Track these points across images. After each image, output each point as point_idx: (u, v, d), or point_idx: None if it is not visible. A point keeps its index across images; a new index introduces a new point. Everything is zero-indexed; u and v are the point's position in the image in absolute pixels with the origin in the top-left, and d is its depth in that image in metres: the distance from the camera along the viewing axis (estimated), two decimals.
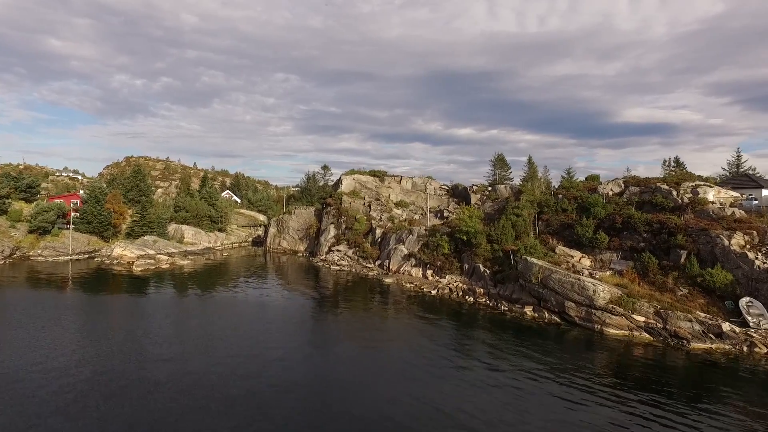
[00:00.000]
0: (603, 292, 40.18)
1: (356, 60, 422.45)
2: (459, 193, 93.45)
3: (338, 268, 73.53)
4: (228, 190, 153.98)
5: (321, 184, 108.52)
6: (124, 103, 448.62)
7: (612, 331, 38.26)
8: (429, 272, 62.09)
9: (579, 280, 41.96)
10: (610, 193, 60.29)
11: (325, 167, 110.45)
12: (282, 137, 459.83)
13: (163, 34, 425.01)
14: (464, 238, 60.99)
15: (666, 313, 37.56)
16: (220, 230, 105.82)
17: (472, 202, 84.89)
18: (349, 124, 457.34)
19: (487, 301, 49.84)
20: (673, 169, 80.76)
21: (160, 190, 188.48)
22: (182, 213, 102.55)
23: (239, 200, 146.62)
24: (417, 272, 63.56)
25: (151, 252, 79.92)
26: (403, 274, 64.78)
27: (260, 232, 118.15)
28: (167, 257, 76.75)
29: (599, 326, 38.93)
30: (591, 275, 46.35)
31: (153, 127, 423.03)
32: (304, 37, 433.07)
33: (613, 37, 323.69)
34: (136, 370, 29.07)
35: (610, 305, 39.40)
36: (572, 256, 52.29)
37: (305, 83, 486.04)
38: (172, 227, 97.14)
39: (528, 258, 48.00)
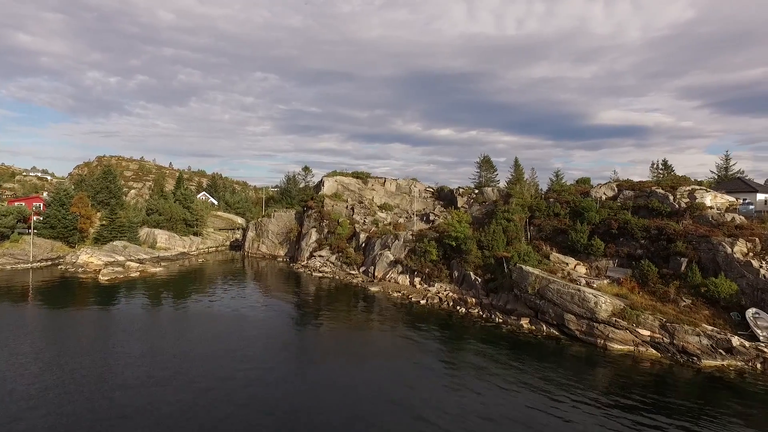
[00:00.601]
0: (605, 304, 37.79)
1: (336, 60, 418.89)
2: (445, 196, 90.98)
3: (320, 274, 70.07)
4: (204, 192, 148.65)
5: (302, 185, 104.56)
6: (98, 101, 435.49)
7: (616, 346, 35.86)
8: (417, 280, 59.16)
9: (579, 291, 39.52)
10: (603, 197, 58.35)
11: (305, 168, 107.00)
12: (261, 137, 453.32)
13: (138, 30, 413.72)
14: (453, 244, 58.29)
15: (672, 326, 35.35)
16: (195, 234, 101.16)
17: (459, 205, 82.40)
18: (329, 124, 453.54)
19: (480, 312, 47.13)
20: (661, 171, 79.75)
21: (133, 191, 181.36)
22: (155, 216, 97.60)
23: (216, 202, 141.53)
24: (404, 280, 60.56)
25: (121, 258, 75.12)
26: (390, 281, 61.72)
27: (238, 235, 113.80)
28: (137, 264, 72.08)
29: (602, 341, 36.52)
30: (588, 284, 44.10)
31: (128, 126, 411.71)
32: (284, 36, 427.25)
33: (589, 40, 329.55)
34: (93, 402, 25.28)
35: (613, 318, 37.03)
36: (567, 264, 50.00)
37: (285, 83, 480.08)
38: (144, 231, 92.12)
39: (523, 266, 45.45)
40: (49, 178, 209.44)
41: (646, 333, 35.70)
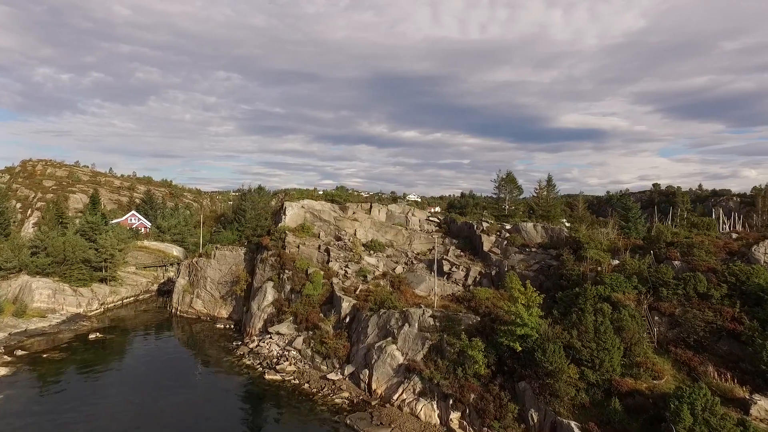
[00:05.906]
0: None
1: (301, 60, 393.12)
2: (457, 231, 64.88)
3: (279, 377, 42.34)
4: (134, 211, 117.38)
5: (255, 212, 75.30)
6: (49, 99, 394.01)
7: None
8: (455, 416, 32.53)
9: None
10: None
11: (259, 189, 77.89)
12: (224, 137, 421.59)
13: (92, 26, 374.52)
14: (518, 347, 32.28)
15: None
16: (103, 281, 71.47)
17: (486, 248, 56.54)
18: (294, 125, 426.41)
19: None
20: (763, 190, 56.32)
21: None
22: (41, 258, 67.40)
23: (149, 225, 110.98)
24: (428, 412, 33.76)
25: None
26: (402, 410, 34.86)
27: (171, 273, 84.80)
28: None
29: None
30: None
31: (82, 125, 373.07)
32: (247, 35, 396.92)
33: (549, 46, 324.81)
34: None
35: None
36: None
37: (248, 82, 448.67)
38: (16, 284, 62.27)
39: None
40: None
41: None
